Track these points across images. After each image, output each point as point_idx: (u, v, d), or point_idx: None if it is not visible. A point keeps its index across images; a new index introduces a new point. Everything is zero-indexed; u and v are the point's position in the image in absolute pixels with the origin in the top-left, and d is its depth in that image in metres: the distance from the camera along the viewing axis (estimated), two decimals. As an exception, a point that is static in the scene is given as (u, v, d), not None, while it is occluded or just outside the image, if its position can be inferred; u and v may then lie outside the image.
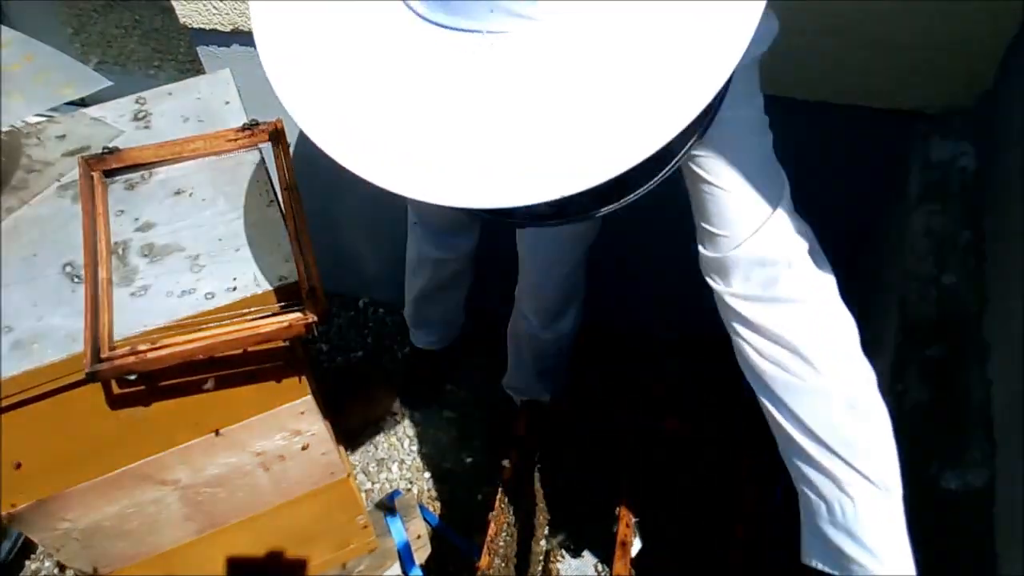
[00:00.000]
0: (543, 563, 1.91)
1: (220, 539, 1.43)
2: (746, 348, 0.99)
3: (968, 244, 1.36)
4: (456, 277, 2.05)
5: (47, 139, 1.28)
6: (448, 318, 2.21)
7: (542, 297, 1.81)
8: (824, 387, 0.93)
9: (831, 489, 0.93)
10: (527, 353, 2.02)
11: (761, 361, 0.97)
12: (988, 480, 1.12)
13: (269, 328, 1.04)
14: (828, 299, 0.96)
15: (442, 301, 2.13)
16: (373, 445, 2.26)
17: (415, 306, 2.17)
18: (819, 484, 0.94)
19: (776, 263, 0.95)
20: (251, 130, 1.24)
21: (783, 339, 0.94)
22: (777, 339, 0.95)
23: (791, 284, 0.94)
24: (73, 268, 1.10)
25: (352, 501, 1.56)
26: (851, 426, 0.92)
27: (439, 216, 1.85)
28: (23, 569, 2.06)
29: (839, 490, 0.92)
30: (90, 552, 1.31)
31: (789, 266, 0.95)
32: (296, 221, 1.14)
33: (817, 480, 0.94)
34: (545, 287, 1.78)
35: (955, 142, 1.49)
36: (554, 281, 1.76)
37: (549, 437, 1.76)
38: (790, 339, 0.94)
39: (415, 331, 2.26)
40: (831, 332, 0.95)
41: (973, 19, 1.39)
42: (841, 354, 0.95)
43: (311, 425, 1.31)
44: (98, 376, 0.99)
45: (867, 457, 0.91)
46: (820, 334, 0.94)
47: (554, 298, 1.80)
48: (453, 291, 2.11)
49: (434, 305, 2.15)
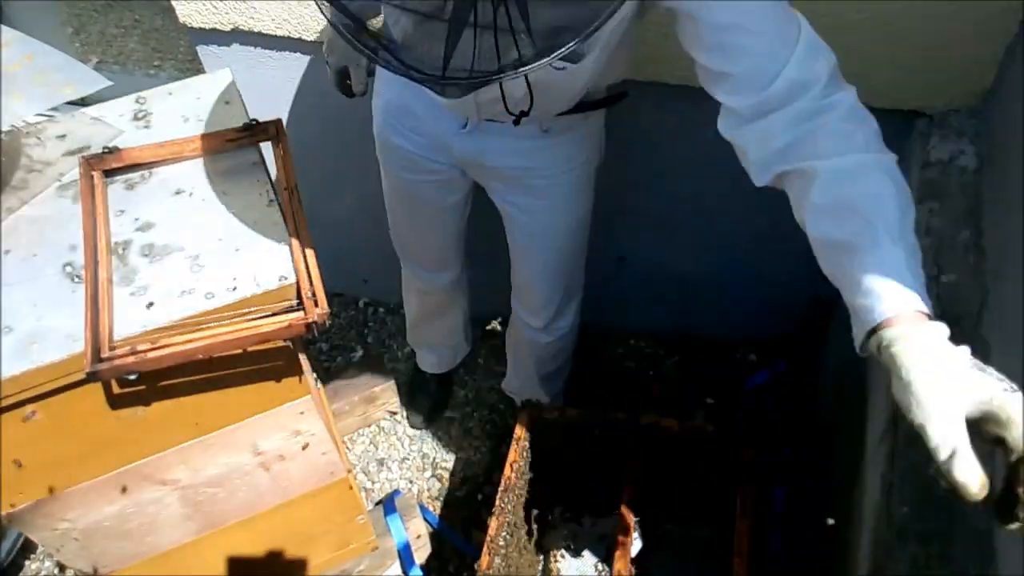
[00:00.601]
0: (543, 563, 1.91)
1: (220, 539, 1.43)
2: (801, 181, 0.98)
3: (967, 243, 1.36)
4: (444, 306, 2.04)
5: (47, 139, 1.28)
6: (449, 342, 2.19)
7: (538, 298, 1.80)
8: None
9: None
10: (527, 358, 2.01)
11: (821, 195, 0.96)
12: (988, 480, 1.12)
13: (269, 328, 1.05)
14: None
15: (438, 327, 2.13)
16: (373, 445, 2.26)
17: (413, 331, 2.19)
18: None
19: (814, 83, 0.95)
20: (251, 130, 1.24)
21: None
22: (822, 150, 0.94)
23: (828, 98, 0.95)
24: (73, 268, 1.10)
25: (352, 501, 1.56)
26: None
27: (421, 251, 1.84)
28: (23, 569, 2.06)
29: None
30: (90, 552, 1.31)
31: (821, 82, 0.95)
32: (296, 221, 1.14)
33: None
34: (540, 287, 1.77)
35: (955, 141, 1.49)
36: (549, 281, 1.76)
37: (549, 437, 1.76)
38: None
39: (419, 353, 2.26)
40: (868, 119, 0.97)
41: (973, 19, 1.39)
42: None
43: (311, 425, 1.31)
44: (98, 376, 0.99)
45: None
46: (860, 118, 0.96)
47: (550, 298, 1.79)
48: (444, 318, 2.09)
49: (431, 330, 2.15)
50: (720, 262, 2.07)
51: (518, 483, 1.70)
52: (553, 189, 1.54)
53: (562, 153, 1.49)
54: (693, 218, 1.97)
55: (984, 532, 1.08)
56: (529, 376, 2.04)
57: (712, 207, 1.91)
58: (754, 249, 1.99)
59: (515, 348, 2.05)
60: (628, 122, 1.77)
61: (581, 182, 1.56)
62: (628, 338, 2.36)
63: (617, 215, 2.03)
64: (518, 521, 1.72)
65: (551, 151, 1.48)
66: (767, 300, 2.11)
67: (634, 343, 2.35)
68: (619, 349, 2.35)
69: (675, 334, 2.34)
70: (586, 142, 1.51)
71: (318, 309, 1.05)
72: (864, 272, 0.86)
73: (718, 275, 2.10)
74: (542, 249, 1.68)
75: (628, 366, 2.30)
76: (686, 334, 2.32)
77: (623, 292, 2.24)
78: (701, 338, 2.31)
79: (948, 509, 1.12)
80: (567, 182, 1.54)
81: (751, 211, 1.90)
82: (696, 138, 1.77)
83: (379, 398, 2.23)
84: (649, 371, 2.27)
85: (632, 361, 2.32)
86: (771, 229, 1.94)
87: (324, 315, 1.05)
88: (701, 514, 1.84)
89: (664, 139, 1.79)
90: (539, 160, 1.49)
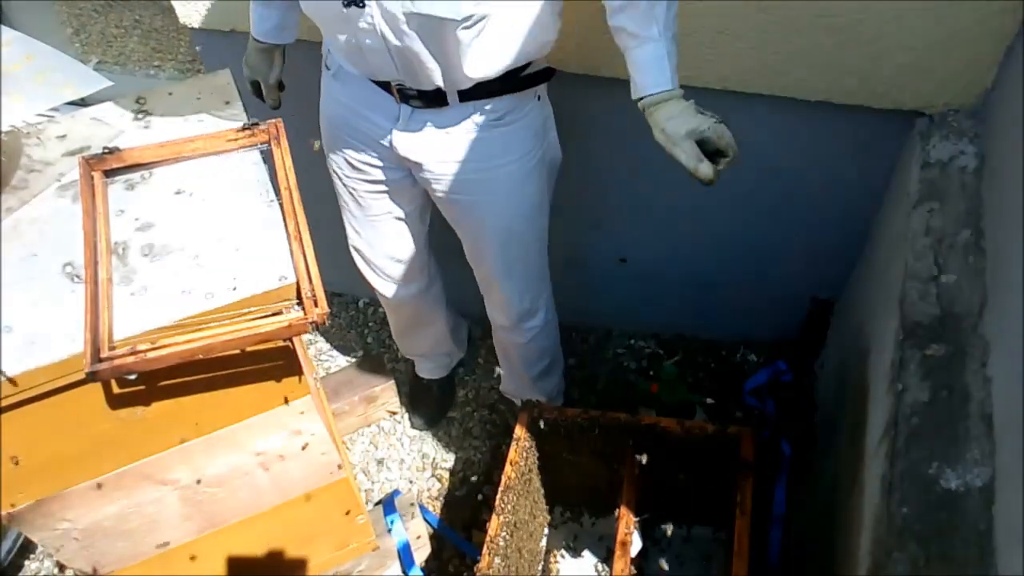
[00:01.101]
0: (543, 563, 1.91)
1: (220, 539, 1.43)
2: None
3: (968, 243, 1.36)
4: (419, 317, 2.02)
5: (47, 139, 1.28)
6: (440, 350, 2.19)
7: (500, 297, 1.78)
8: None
9: None
10: (513, 360, 2.00)
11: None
12: (988, 480, 1.12)
13: (269, 328, 1.05)
14: None
15: (422, 337, 2.12)
16: (373, 445, 2.26)
17: (400, 342, 2.18)
18: None
19: None
20: (251, 130, 1.24)
21: None
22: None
23: None
24: (73, 268, 1.10)
25: (352, 501, 1.56)
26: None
27: (380, 264, 1.81)
28: (23, 569, 2.06)
29: None
30: (90, 552, 1.31)
31: None
32: (296, 221, 1.14)
33: None
34: (500, 287, 1.75)
35: (955, 142, 1.49)
36: (507, 279, 1.73)
37: (549, 437, 1.76)
38: None
39: (415, 361, 2.25)
40: None
41: (973, 19, 1.39)
42: None
43: (311, 425, 1.31)
44: (98, 376, 0.99)
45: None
46: None
47: (511, 298, 1.77)
48: (425, 329, 2.08)
49: (416, 340, 2.14)
50: (720, 263, 2.07)
51: (518, 483, 1.70)
52: (492, 184, 1.53)
53: (498, 145, 1.49)
54: (693, 219, 1.97)
55: (984, 532, 1.08)
56: (520, 377, 2.04)
57: (712, 208, 1.91)
58: (754, 250, 2.00)
59: (501, 351, 2.05)
60: (628, 122, 1.77)
61: (522, 175, 1.54)
62: (628, 338, 2.36)
63: (618, 216, 2.03)
64: (518, 521, 1.72)
65: (486, 144, 1.48)
66: (767, 300, 2.12)
67: (634, 343, 2.35)
68: (619, 349, 2.35)
69: (675, 334, 2.34)
70: (524, 133, 1.51)
71: (318, 309, 1.05)
72: (641, 56, 1.29)
73: (718, 276, 2.10)
74: (490, 246, 1.66)
75: (628, 366, 2.31)
76: (686, 334, 2.33)
77: (623, 292, 2.24)
78: (701, 338, 2.31)
79: (948, 509, 1.12)
80: (506, 176, 1.53)
81: (751, 212, 1.90)
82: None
83: (379, 398, 2.23)
84: (649, 371, 2.27)
85: (632, 361, 2.32)
86: (771, 230, 1.95)
87: (324, 315, 1.05)
88: (701, 514, 1.85)
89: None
90: (475, 153, 1.49)
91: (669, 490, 1.78)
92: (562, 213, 1.77)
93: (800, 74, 1.55)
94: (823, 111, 1.60)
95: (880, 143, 1.66)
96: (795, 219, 1.88)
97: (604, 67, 1.63)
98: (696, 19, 1.50)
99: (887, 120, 1.60)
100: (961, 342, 1.27)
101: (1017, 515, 1.01)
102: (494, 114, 1.45)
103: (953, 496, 1.13)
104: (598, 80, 1.65)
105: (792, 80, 1.56)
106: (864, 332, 1.60)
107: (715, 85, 1.59)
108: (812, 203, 1.84)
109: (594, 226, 2.07)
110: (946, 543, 1.09)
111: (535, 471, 1.80)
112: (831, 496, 1.60)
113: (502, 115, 1.45)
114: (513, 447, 1.71)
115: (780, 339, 2.21)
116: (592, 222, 2.06)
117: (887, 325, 1.40)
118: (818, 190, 1.81)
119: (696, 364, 2.28)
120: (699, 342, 2.30)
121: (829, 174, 1.76)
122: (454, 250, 1.77)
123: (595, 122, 1.79)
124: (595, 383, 2.28)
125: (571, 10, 1.42)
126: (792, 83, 1.57)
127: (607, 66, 1.62)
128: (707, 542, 1.87)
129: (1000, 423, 1.14)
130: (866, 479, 1.33)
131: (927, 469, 1.16)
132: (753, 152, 1.77)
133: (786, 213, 1.88)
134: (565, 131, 1.64)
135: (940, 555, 1.08)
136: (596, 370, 2.31)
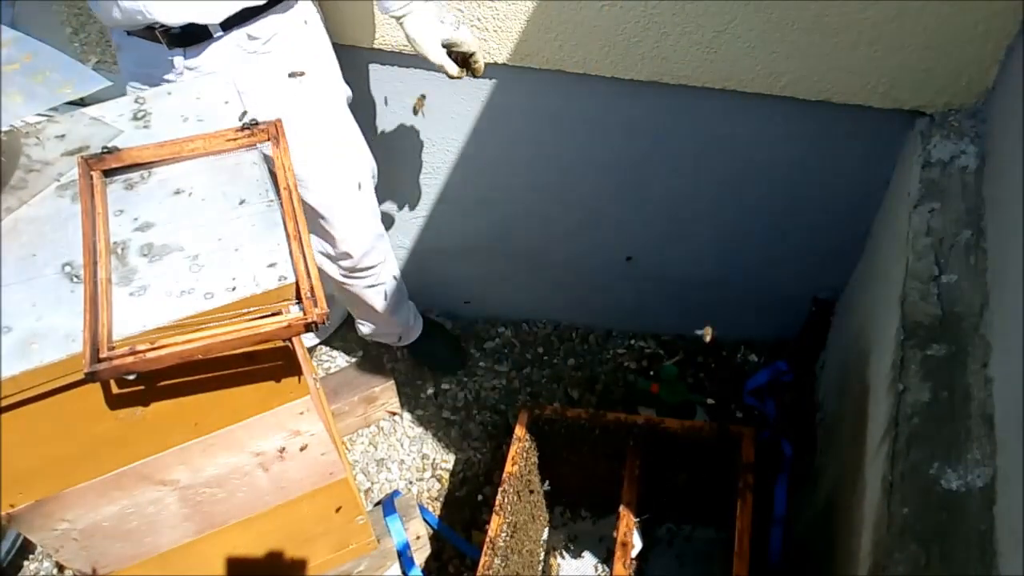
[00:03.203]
0: (543, 563, 1.91)
1: (220, 539, 1.43)
2: None
3: (969, 243, 1.36)
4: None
5: (47, 139, 1.27)
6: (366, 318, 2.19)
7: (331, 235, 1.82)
8: None
9: None
10: (354, 304, 2.07)
11: None
12: (989, 480, 1.12)
13: (269, 328, 1.04)
14: None
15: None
16: (373, 445, 2.25)
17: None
18: None
19: None
20: (251, 130, 1.23)
21: None
22: None
23: None
24: (72, 268, 1.09)
25: (352, 501, 1.56)
26: None
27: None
28: (22, 569, 2.06)
29: None
30: (89, 552, 1.31)
31: None
32: (295, 221, 1.14)
33: None
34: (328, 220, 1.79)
35: (955, 141, 1.49)
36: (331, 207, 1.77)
37: (549, 437, 1.76)
38: None
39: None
40: None
41: (973, 19, 1.39)
42: None
43: (311, 425, 1.31)
44: (97, 376, 0.99)
45: None
46: None
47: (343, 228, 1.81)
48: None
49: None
50: (721, 263, 2.07)
51: (518, 483, 1.70)
52: (268, 111, 1.52)
53: (266, 68, 1.54)
54: (694, 219, 1.97)
55: (985, 532, 1.08)
56: (377, 318, 2.10)
57: (713, 208, 1.91)
58: (755, 250, 1.99)
59: (351, 304, 2.09)
60: (628, 123, 1.77)
61: (300, 99, 1.59)
62: (628, 338, 2.36)
63: (619, 216, 2.03)
64: (518, 522, 1.72)
65: (254, 68, 1.53)
66: (768, 301, 2.11)
67: (634, 343, 2.35)
68: (619, 349, 2.35)
69: (675, 334, 2.34)
70: (292, 55, 1.56)
71: (317, 309, 1.05)
72: None
73: (719, 276, 2.10)
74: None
75: (628, 366, 2.30)
76: (686, 334, 2.32)
77: (624, 292, 2.24)
78: (701, 338, 2.31)
79: (949, 510, 1.12)
80: (282, 101, 1.57)
81: (752, 212, 1.90)
82: (698, 138, 1.77)
83: (379, 398, 2.23)
84: (649, 371, 2.27)
85: (632, 361, 2.32)
86: (772, 230, 1.95)
87: (323, 315, 1.05)
88: (701, 514, 1.85)
89: (665, 139, 1.79)
90: (247, 83, 1.49)
91: (669, 490, 1.78)
92: (562, 213, 1.77)
93: (800, 74, 1.55)
94: (823, 111, 1.60)
95: (881, 143, 1.66)
96: (795, 219, 1.88)
97: (604, 67, 1.63)
98: (696, 19, 1.50)
99: (887, 120, 1.60)
100: (962, 342, 1.27)
101: (1018, 516, 1.01)
102: (255, 32, 1.52)
103: (954, 496, 1.13)
104: (598, 80, 1.66)
105: (792, 80, 1.56)
106: (865, 332, 1.60)
107: (715, 85, 1.59)
108: (813, 203, 1.84)
109: (595, 226, 2.07)
110: (947, 544, 1.09)
111: (535, 471, 1.80)
112: (832, 496, 1.60)
113: (263, 34, 1.52)
114: (513, 447, 1.71)
115: (781, 339, 2.21)
116: (593, 222, 2.05)
117: (888, 325, 1.40)
118: (818, 190, 1.81)
119: (696, 364, 2.28)
120: (700, 342, 2.29)
121: (829, 174, 1.76)
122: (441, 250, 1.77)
123: (595, 122, 1.79)
124: (595, 383, 2.28)
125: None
126: (792, 83, 1.57)
127: (607, 66, 1.62)
128: (707, 542, 1.87)
129: (1001, 423, 1.14)
130: (867, 479, 1.33)
131: (928, 469, 1.16)
132: (753, 152, 1.78)
133: (786, 213, 1.88)
134: (566, 130, 1.64)
135: (941, 556, 1.08)
136: (596, 370, 2.31)
